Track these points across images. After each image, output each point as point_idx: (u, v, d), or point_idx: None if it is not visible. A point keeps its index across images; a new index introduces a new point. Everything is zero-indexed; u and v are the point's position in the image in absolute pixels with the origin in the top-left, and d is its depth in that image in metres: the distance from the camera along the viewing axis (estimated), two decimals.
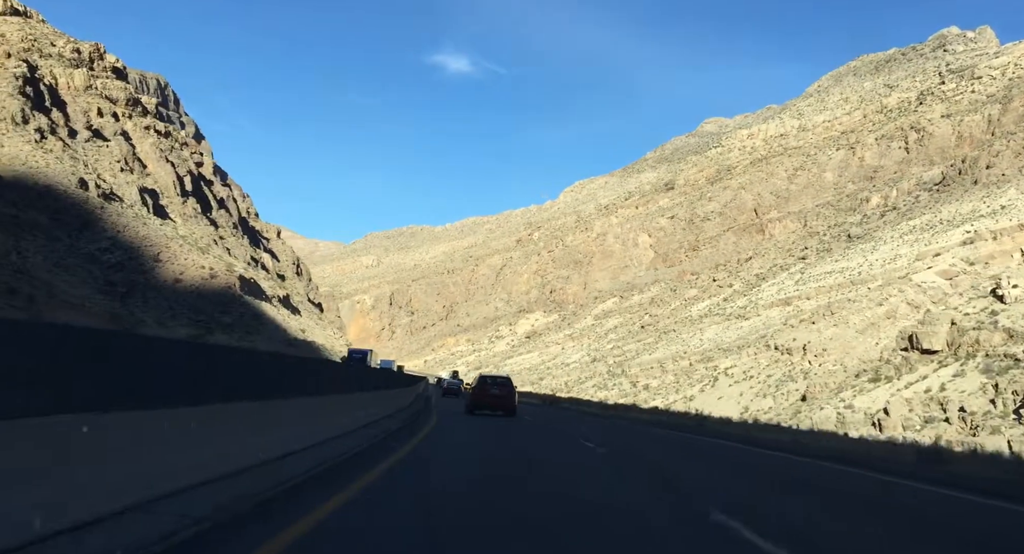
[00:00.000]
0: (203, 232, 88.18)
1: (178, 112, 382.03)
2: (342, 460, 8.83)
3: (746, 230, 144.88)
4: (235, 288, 61.00)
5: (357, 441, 10.98)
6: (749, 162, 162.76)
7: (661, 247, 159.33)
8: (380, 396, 14.68)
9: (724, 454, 16.12)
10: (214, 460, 6.11)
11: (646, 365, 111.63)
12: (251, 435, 7.11)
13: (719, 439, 21.05)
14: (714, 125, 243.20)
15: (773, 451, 17.02)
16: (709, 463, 13.91)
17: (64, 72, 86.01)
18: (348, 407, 12.82)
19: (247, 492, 5.91)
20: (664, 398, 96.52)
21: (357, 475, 7.82)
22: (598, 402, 55.07)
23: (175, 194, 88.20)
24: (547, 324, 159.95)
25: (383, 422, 15.77)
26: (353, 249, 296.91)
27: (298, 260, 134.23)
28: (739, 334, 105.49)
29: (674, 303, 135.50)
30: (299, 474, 7.09)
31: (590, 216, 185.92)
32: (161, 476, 5.30)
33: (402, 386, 24.53)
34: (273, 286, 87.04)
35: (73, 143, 75.66)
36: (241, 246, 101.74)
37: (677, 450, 16.19)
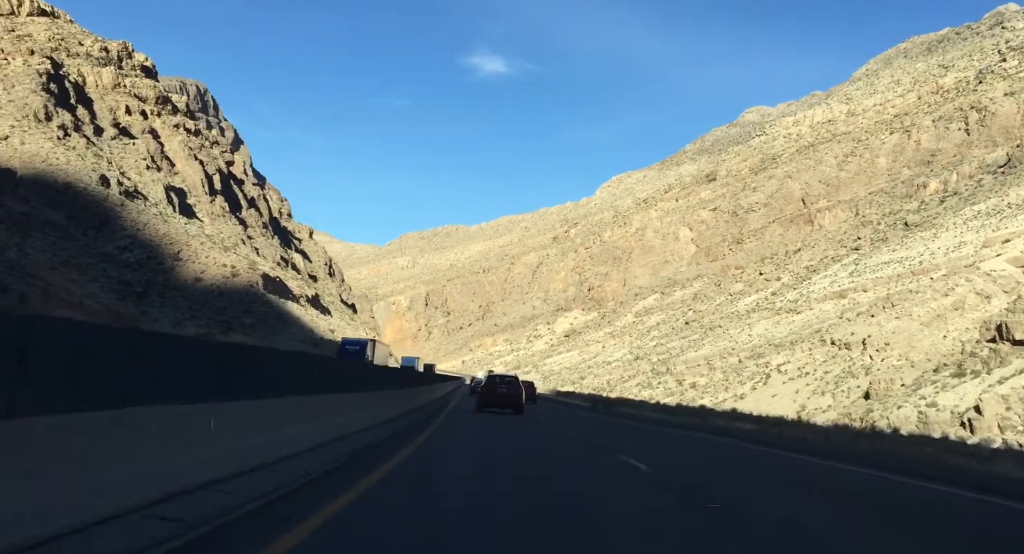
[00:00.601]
0: (231, 231, 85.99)
1: (217, 118, 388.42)
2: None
3: (793, 221, 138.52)
4: (258, 286, 58.22)
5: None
6: (795, 150, 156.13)
7: (703, 241, 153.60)
8: (367, 400, 11.17)
9: (855, 485, 11.40)
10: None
11: (692, 362, 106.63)
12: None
13: (806, 456, 16.63)
14: (756, 114, 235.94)
15: (912, 479, 12.48)
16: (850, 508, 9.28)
17: (92, 70, 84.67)
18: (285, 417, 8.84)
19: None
20: (713, 397, 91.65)
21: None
22: (665, 405, 48.83)
23: (203, 192, 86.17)
24: (586, 322, 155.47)
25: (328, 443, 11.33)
26: (388, 250, 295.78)
27: (330, 261, 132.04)
28: (791, 329, 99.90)
29: (719, 298, 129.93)
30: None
31: (628, 211, 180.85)
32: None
33: (409, 386, 20.82)
34: (301, 286, 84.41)
35: (99, 141, 73.94)
36: (271, 246, 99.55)
37: (779, 481, 11.65)
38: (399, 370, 30.85)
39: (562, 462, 11.79)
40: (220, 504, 5.49)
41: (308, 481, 7.13)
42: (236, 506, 5.56)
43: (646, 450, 15.09)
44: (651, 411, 37.95)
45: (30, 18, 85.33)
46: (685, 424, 27.88)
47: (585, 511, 7.17)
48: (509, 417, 22.89)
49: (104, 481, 4.48)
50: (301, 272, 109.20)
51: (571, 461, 11.99)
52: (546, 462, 11.65)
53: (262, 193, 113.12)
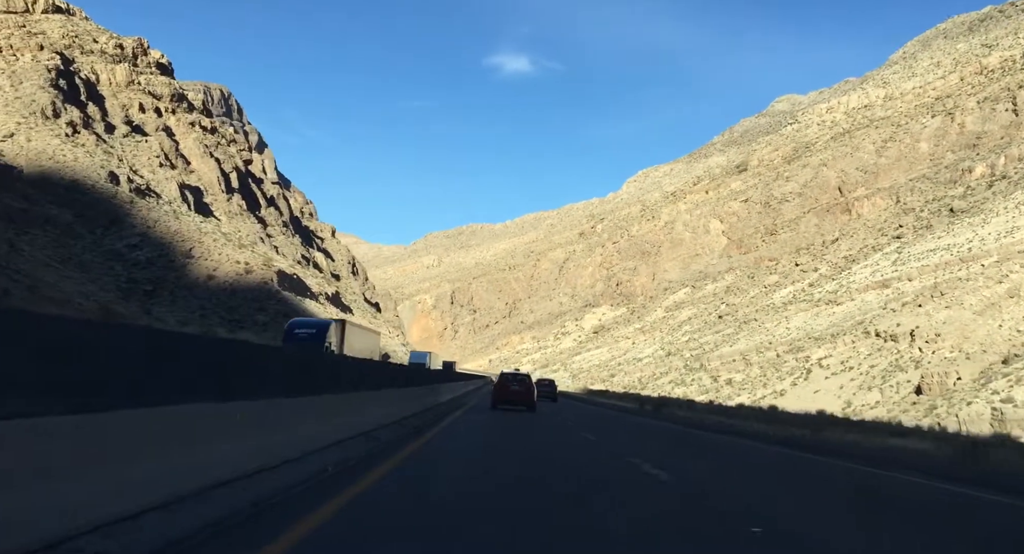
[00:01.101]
0: (249, 229, 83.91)
1: (241, 121, 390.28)
2: None
3: (829, 210, 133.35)
4: (273, 283, 55.78)
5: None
6: (830, 138, 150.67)
7: (735, 233, 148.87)
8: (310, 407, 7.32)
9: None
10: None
11: (727, 358, 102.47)
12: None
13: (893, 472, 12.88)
14: (786, 103, 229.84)
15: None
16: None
17: (105, 68, 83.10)
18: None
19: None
20: (750, 393, 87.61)
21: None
22: (739, 407, 43.20)
23: (219, 191, 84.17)
24: (615, 318, 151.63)
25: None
26: (413, 250, 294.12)
27: (353, 259, 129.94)
28: (831, 321, 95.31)
29: (753, 291, 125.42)
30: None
31: (656, 204, 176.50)
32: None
33: (404, 386, 17.54)
34: (321, 284, 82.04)
35: (110, 138, 72.11)
36: (291, 244, 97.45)
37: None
38: (388, 365, 25.09)
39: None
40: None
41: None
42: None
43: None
44: (715, 415, 33.26)
45: (44, 15, 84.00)
46: (766, 435, 22.41)
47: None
48: (522, 424, 19.51)
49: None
50: (324, 271, 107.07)
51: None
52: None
53: (282, 192, 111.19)
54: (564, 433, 18.24)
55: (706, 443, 18.61)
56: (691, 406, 39.20)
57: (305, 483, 6.78)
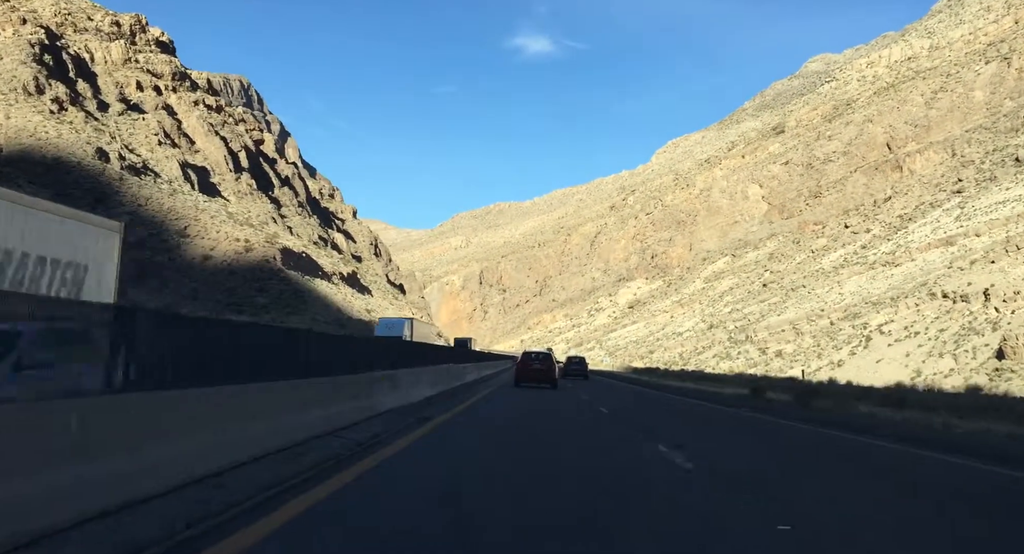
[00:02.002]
0: (260, 209, 79.09)
1: (263, 111, 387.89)
2: None
3: (878, 168, 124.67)
4: (276, 262, 50.72)
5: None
6: (872, 93, 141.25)
7: (775, 197, 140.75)
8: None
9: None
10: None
11: (775, 328, 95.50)
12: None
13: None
14: (820, 63, 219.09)
15: None
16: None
17: (100, 45, 78.42)
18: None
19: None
20: (804, 365, 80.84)
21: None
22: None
23: (227, 170, 79.34)
24: (651, 292, 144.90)
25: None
26: (441, 231, 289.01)
27: (376, 240, 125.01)
28: (890, 283, 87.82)
29: (799, 256, 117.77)
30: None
31: (690, 172, 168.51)
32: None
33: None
34: (336, 264, 76.99)
35: (104, 116, 67.41)
36: (308, 225, 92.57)
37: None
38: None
39: None
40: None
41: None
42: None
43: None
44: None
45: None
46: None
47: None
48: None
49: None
50: (344, 252, 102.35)
51: None
52: None
53: (297, 172, 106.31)
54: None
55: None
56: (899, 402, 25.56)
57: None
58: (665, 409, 19.87)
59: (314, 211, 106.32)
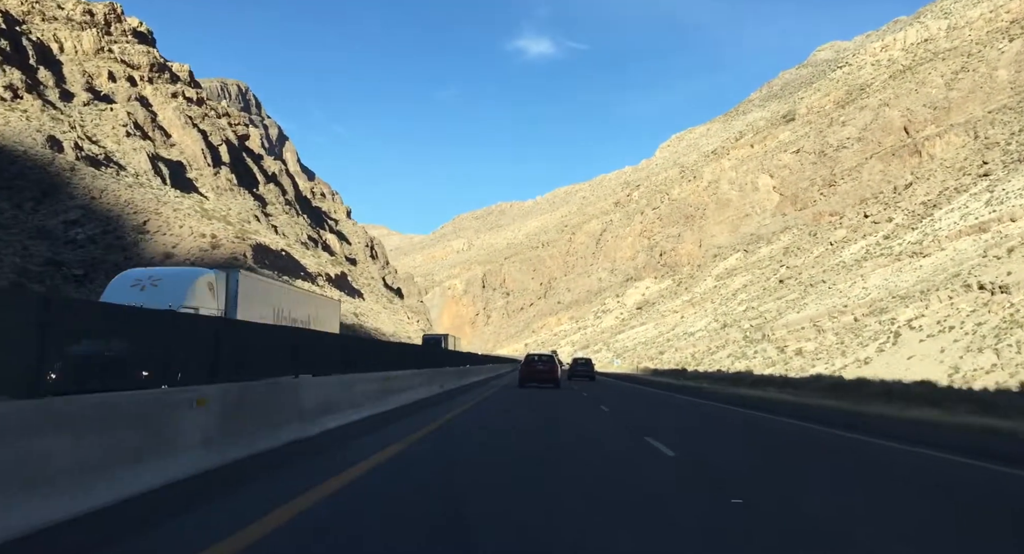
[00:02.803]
0: (240, 207, 73.71)
1: (260, 115, 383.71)
2: None
3: (896, 154, 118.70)
4: (245, 259, 45.23)
5: None
6: (888, 76, 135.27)
7: (787, 188, 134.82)
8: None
9: None
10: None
11: (794, 325, 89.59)
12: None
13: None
14: (830, 51, 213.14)
15: None
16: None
17: (70, 34, 73.25)
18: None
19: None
20: (827, 364, 74.92)
21: None
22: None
23: (205, 164, 74.00)
24: (660, 291, 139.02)
25: None
26: (442, 234, 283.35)
27: (371, 242, 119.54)
28: (918, 276, 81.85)
29: (816, 250, 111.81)
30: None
31: (696, 164, 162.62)
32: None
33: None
34: (322, 264, 71.49)
35: (68, 106, 62.05)
36: (295, 224, 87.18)
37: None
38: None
39: None
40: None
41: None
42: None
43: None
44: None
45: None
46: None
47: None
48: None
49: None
50: (336, 253, 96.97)
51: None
52: None
53: (284, 169, 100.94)
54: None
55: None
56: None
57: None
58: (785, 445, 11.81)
59: (304, 210, 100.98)
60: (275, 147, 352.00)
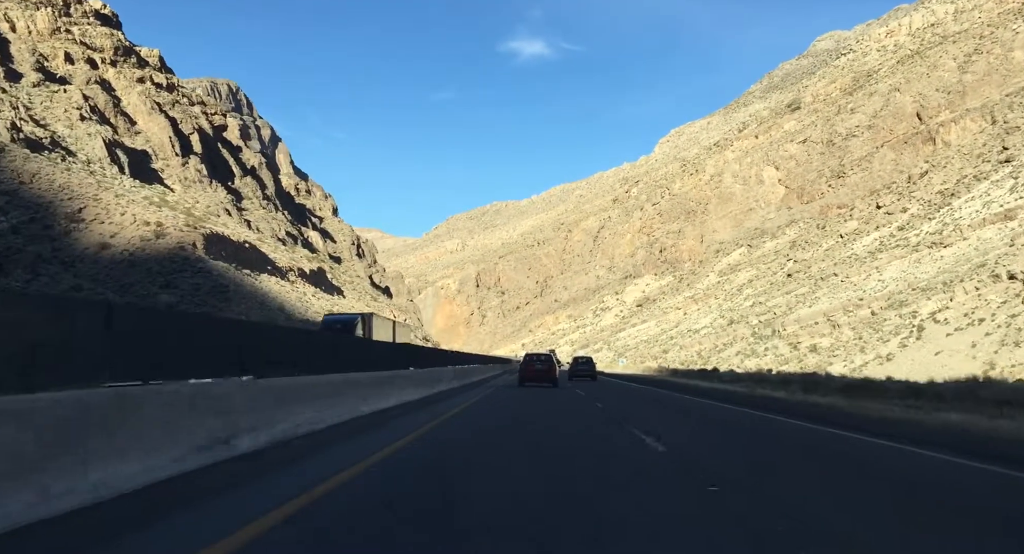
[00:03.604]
0: (210, 199, 68.15)
1: (252, 115, 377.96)
2: None
3: (908, 141, 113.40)
4: (195, 249, 39.70)
5: None
6: (896, 62, 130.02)
7: (794, 180, 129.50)
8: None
9: None
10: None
11: (806, 321, 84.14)
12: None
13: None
14: (831, 41, 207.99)
15: None
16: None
17: (23, 14, 67.66)
18: None
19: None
20: (846, 361, 69.46)
21: None
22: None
23: (172, 153, 68.39)
24: (661, 288, 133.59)
25: None
26: (436, 235, 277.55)
27: (357, 240, 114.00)
28: (940, 266, 76.47)
29: (825, 242, 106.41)
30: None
31: (698, 157, 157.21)
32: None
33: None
34: (296, 259, 65.91)
35: (15, 87, 56.43)
36: (273, 219, 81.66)
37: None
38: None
39: None
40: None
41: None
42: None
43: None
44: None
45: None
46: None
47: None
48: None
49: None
50: (319, 250, 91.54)
51: None
52: None
53: (263, 162, 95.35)
54: None
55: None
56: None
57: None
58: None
59: (286, 206, 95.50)
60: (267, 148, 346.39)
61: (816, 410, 18.05)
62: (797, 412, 17.56)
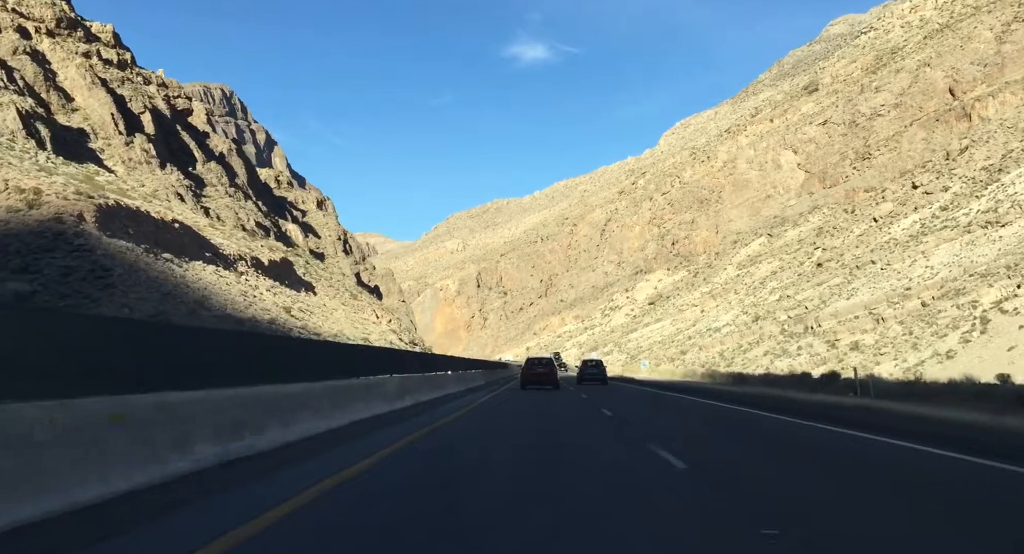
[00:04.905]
0: (159, 183, 59.16)
1: (246, 119, 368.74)
2: None
3: (940, 119, 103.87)
4: (79, 222, 30.66)
5: None
6: (923, 37, 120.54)
7: (814, 164, 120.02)
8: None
9: None
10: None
11: (844, 315, 74.39)
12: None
13: None
14: (844, 24, 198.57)
15: None
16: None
17: None
18: None
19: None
20: (897, 360, 59.71)
21: None
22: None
23: (114, 132, 59.41)
24: (674, 283, 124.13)
25: None
26: (435, 235, 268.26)
27: (344, 235, 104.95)
28: (1000, 248, 66.74)
29: (856, 227, 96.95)
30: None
31: (710, 144, 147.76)
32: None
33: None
34: (253, 248, 56.78)
35: None
36: (241, 209, 72.72)
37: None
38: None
39: None
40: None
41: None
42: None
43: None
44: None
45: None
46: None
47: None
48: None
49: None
50: (297, 244, 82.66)
51: None
52: None
53: (233, 149, 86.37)
54: None
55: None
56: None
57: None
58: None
59: (261, 197, 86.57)
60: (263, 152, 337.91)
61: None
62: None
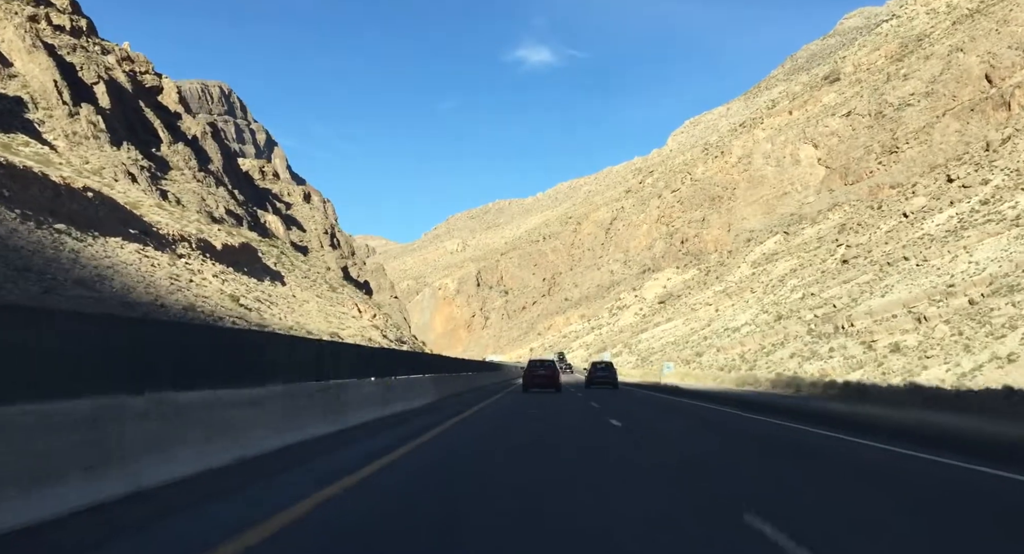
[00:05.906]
0: (107, 160, 52.07)
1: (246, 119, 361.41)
2: None
3: (975, 108, 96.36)
4: None
5: None
6: (951, 23, 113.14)
7: (836, 158, 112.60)
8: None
9: None
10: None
11: (880, 314, 66.65)
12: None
13: None
14: (859, 18, 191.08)
15: None
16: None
17: None
18: None
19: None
20: (948, 364, 52.04)
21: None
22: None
23: (57, 102, 52.34)
24: (684, 282, 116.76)
25: None
26: (435, 235, 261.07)
27: (332, 229, 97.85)
28: None
29: (884, 223, 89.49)
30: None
31: (722, 140, 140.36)
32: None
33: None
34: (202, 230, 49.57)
35: None
36: (210, 195, 65.58)
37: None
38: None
39: None
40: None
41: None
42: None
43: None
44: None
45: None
46: None
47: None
48: None
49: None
50: (276, 235, 75.66)
51: None
52: None
53: (207, 131, 79.33)
54: None
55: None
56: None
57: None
58: None
59: (238, 185, 79.64)
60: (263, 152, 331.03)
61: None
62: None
